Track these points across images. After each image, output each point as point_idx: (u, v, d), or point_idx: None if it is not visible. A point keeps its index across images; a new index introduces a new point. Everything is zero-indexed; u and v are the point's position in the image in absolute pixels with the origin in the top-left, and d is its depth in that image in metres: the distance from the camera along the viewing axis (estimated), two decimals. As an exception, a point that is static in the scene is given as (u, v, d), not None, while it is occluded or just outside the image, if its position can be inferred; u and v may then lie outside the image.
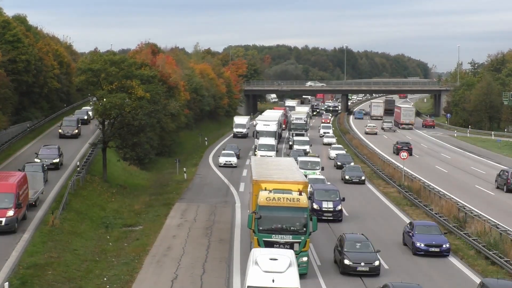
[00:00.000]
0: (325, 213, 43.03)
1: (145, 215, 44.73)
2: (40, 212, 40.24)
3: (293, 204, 30.63)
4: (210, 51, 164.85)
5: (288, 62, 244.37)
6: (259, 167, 38.78)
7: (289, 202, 30.67)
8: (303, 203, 30.78)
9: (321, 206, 43.09)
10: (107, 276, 31.28)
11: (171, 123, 76.19)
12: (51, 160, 52.91)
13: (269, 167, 39.29)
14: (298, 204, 30.65)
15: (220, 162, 67.25)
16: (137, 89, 53.14)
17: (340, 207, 43.54)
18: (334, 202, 43.38)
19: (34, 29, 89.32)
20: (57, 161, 53.72)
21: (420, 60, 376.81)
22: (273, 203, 30.63)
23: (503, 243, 35.71)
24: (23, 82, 71.72)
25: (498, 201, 52.63)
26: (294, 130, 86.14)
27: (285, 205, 30.56)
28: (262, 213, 30.55)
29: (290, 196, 31.07)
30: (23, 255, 32.33)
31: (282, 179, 34.79)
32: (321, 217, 41.92)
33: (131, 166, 63.95)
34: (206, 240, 37.60)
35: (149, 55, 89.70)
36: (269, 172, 37.08)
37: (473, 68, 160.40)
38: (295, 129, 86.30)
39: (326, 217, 42.91)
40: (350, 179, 58.28)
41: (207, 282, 30.24)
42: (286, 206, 30.53)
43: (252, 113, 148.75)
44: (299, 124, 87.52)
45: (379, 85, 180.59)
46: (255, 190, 33.67)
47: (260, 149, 69.44)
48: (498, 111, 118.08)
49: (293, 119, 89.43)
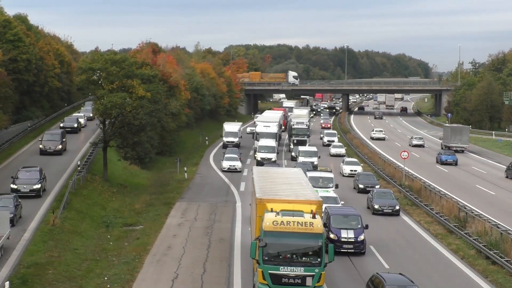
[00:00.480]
0: (345, 244, 35.29)
1: (145, 215, 44.74)
2: (41, 211, 40.25)
3: (305, 229, 26.14)
4: (211, 50, 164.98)
5: (288, 62, 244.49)
6: (262, 180, 33.56)
7: (301, 227, 26.15)
8: (318, 228, 26.26)
9: (340, 236, 35.35)
10: (107, 275, 31.28)
11: (172, 122, 76.18)
12: (31, 186, 43.11)
13: (274, 180, 34.13)
14: (312, 229, 26.17)
15: (223, 167, 63.49)
16: (137, 89, 53.12)
17: (363, 237, 35.59)
18: (355, 231, 35.62)
19: (35, 28, 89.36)
20: (38, 187, 43.67)
21: (421, 60, 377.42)
22: (281, 228, 26.15)
23: (503, 242, 35.69)
24: (24, 81, 71.76)
25: (499, 201, 52.63)
26: (295, 136, 77.63)
27: (296, 231, 26.08)
28: (268, 239, 26.09)
29: (302, 219, 26.48)
30: (24, 254, 32.34)
31: (291, 197, 29.71)
32: (340, 249, 34.74)
33: (131, 165, 63.93)
34: (207, 240, 37.59)
35: (150, 55, 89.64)
36: (275, 187, 32.04)
37: (474, 67, 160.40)
38: (296, 135, 77.95)
39: (346, 249, 35.23)
40: (381, 210, 45.75)
41: (208, 281, 30.22)
42: (297, 232, 26.06)
43: (252, 112, 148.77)
44: (301, 129, 78.69)
45: (380, 84, 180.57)
46: (258, 210, 28.93)
47: (260, 151, 67.08)
48: (499, 110, 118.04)
49: (293, 124, 79.97)
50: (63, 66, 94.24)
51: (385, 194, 47.28)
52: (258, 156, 66.36)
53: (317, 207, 28.43)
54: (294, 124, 79.63)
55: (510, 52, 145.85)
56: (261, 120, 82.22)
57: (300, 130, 78.20)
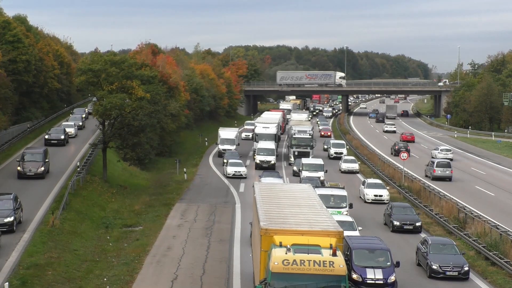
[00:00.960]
0: None
1: (145, 215, 44.73)
2: (40, 212, 40.24)
3: (324, 270, 21.24)
4: (210, 51, 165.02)
5: (288, 63, 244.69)
6: (266, 202, 28.22)
7: (318, 268, 21.24)
8: (340, 268, 21.33)
9: (365, 276, 28.36)
10: (107, 276, 31.27)
11: (172, 123, 76.20)
12: (2, 220, 35.34)
13: (281, 201, 28.75)
14: (332, 270, 21.28)
15: (228, 173, 59.98)
16: (137, 90, 53.14)
17: (393, 278, 28.43)
18: (384, 270, 28.56)
19: (35, 29, 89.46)
20: (11, 219, 35.69)
21: (420, 61, 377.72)
22: (293, 269, 21.23)
23: (503, 243, 35.72)
24: (24, 82, 71.80)
25: (499, 202, 52.65)
26: (297, 147, 68.77)
27: (312, 272, 21.20)
28: (277, 283, 21.21)
29: (319, 257, 21.57)
30: (23, 255, 32.32)
31: (304, 226, 24.46)
32: None
33: (131, 166, 63.95)
34: (206, 241, 37.60)
35: (150, 56, 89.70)
36: (283, 212, 26.64)
37: (473, 69, 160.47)
38: (297, 146, 68.92)
39: None
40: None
41: (207, 282, 30.23)
42: (313, 274, 21.20)
43: (252, 113, 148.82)
44: (303, 139, 69.39)
45: (379, 85, 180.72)
46: (264, 243, 23.66)
47: (259, 153, 66.04)
48: (498, 112, 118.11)
49: (294, 132, 70.24)
50: (63, 67, 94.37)
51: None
52: (257, 158, 65.54)
53: (338, 239, 23.46)
54: (296, 132, 69.73)
55: (510, 53, 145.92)
56: (260, 121, 79.46)
57: (302, 140, 68.70)
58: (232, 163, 61.21)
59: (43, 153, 50.81)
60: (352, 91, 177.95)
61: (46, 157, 51.10)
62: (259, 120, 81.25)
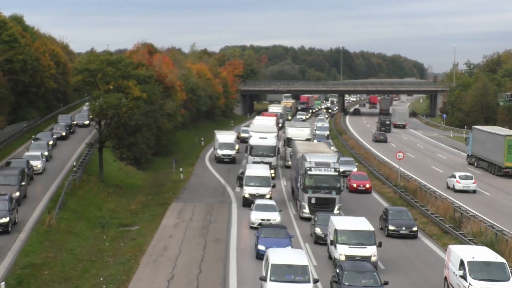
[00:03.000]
0: None
1: (141, 215, 44.77)
2: (37, 212, 40.22)
3: None
4: (206, 51, 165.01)
5: (284, 63, 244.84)
6: None
7: None
8: None
9: None
10: (103, 276, 31.31)
11: (168, 123, 76.21)
12: None
13: None
14: None
15: (252, 222, 40.69)
16: (133, 89, 53.18)
17: None
18: None
19: (31, 29, 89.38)
20: (6, 220, 34.82)
21: (416, 61, 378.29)
22: None
23: (498, 243, 35.86)
24: (20, 82, 71.73)
25: (494, 201, 52.78)
26: (315, 191, 43.81)
27: None
28: None
29: None
30: (20, 255, 32.33)
31: None
32: None
33: (127, 166, 63.97)
34: (203, 240, 37.65)
35: (146, 55, 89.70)
36: None
37: (469, 68, 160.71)
38: (316, 189, 43.88)
39: None
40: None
41: (203, 282, 30.28)
42: None
43: (248, 113, 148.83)
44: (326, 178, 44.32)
45: (375, 85, 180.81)
46: None
47: (249, 183, 46.79)
48: (494, 111, 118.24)
49: (310, 166, 44.30)
50: (59, 66, 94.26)
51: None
52: (245, 190, 46.55)
53: None
54: (312, 166, 44.36)
55: (505, 53, 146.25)
56: (255, 129, 65.99)
57: (324, 179, 44.25)
58: (259, 207, 41.20)
59: (19, 175, 41.69)
60: (348, 91, 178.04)
61: (23, 179, 41.98)
62: (254, 128, 67.24)
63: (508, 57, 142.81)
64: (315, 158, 44.68)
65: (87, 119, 77.44)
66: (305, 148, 50.76)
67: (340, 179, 43.94)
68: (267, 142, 61.16)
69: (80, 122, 78.58)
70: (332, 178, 43.65)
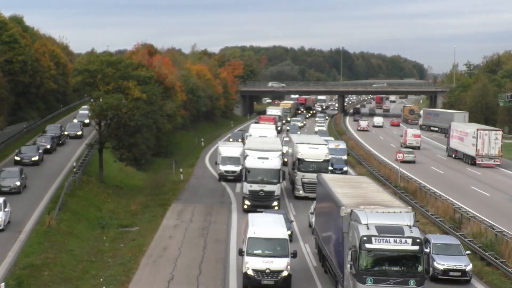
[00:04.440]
0: None
1: (141, 216, 44.74)
2: (36, 212, 40.22)
3: None
4: (206, 52, 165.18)
5: (284, 63, 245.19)
6: None
7: None
8: None
9: None
10: (103, 276, 31.28)
11: (168, 123, 76.24)
12: None
13: None
14: None
15: None
16: (133, 90, 53.18)
17: None
18: None
19: (31, 30, 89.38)
20: None
21: (416, 62, 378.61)
22: None
23: (498, 244, 35.82)
24: (20, 83, 71.73)
25: (494, 202, 52.77)
26: None
27: None
28: None
29: None
30: (19, 255, 32.30)
31: None
32: None
33: (127, 166, 63.96)
34: (202, 241, 37.63)
35: (146, 56, 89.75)
36: None
37: (469, 69, 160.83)
38: None
39: None
40: None
41: (203, 282, 30.26)
42: None
43: (248, 114, 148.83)
44: None
45: (375, 86, 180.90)
46: None
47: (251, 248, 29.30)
48: (493, 112, 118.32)
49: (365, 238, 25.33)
50: (59, 67, 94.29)
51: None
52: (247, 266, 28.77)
53: None
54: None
55: (505, 53, 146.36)
56: (252, 146, 52.47)
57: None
58: None
59: None
60: (348, 92, 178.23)
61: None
62: (250, 144, 53.52)
63: (508, 58, 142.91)
64: (375, 218, 25.79)
65: (80, 129, 70.96)
66: (347, 193, 30.93)
67: (422, 257, 25.28)
68: (269, 164, 45.83)
69: (72, 133, 69.92)
70: (409, 257, 25.07)
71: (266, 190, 44.47)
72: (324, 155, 51.53)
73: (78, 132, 70.79)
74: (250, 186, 44.68)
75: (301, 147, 52.25)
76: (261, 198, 44.27)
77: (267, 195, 44.40)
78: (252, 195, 44.32)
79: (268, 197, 44.43)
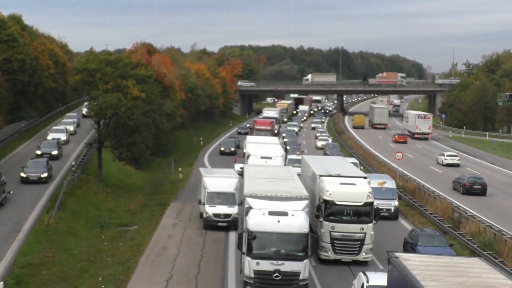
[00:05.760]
0: None
1: (140, 215, 44.73)
2: (35, 211, 40.22)
3: None
4: (205, 51, 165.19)
5: (283, 63, 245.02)
6: None
7: None
8: None
9: None
10: (102, 275, 31.28)
11: (167, 123, 76.21)
12: None
13: None
14: None
15: None
16: (132, 89, 53.17)
17: None
18: None
19: (30, 29, 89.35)
20: None
21: (415, 61, 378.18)
22: None
23: (497, 243, 35.87)
24: (18, 82, 71.70)
25: (493, 202, 52.81)
26: None
27: None
28: None
29: None
30: (18, 254, 32.31)
31: None
32: None
33: (126, 165, 63.95)
34: (201, 240, 37.62)
35: (145, 55, 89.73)
36: None
37: (468, 69, 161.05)
38: None
39: None
40: None
41: (202, 282, 30.26)
42: None
43: (247, 113, 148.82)
44: None
45: (374, 86, 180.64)
46: None
47: None
48: (492, 112, 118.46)
49: None
50: (58, 66, 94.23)
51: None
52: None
53: None
54: None
55: (504, 53, 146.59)
56: (255, 191, 30.98)
57: None
58: None
59: None
60: (347, 91, 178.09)
61: None
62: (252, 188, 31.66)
63: (507, 58, 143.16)
64: None
65: (56, 149, 57.97)
66: None
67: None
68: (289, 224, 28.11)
69: (46, 153, 56.26)
70: None
71: (285, 271, 26.78)
72: (365, 195, 33.20)
73: (54, 151, 57.46)
74: (257, 265, 26.84)
75: (328, 182, 34.07)
76: (276, 285, 26.88)
77: (286, 280, 26.89)
78: (261, 280, 26.78)
79: (288, 283, 26.99)
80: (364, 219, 32.95)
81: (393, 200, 45.23)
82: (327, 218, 33.07)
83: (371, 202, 33.19)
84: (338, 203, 33.03)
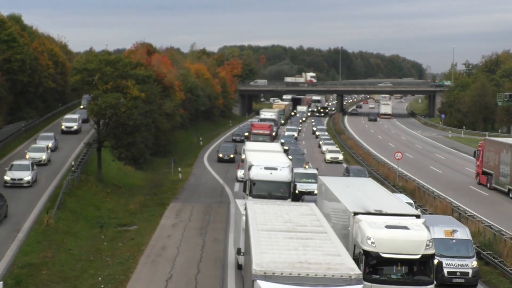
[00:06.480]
0: None
1: (140, 215, 44.73)
2: (35, 211, 40.21)
3: None
4: (205, 51, 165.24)
5: (283, 63, 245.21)
6: None
7: None
8: None
9: None
10: (101, 275, 31.26)
11: (166, 123, 76.23)
12: None
13: None
14: None
15: None
16: (132, 89, 53.17)
17: None
18: None
19: (29, 29, 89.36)
20: None
21: (415, 61, 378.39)
22: None
23: (497, 243, 35.85)
24: (18, 82, 71.70)
25: (493, 202, 52.82)
26: None
27: None
28: None
29: None
30: (18, 254, 32.29)
31: None
32: None
33: (126, 166, 63.95)
34: (201, 240, 37.62)
35: (144, 55, 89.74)
36: None
37: (468, 69, 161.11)
38: None
39: None
40: None
41: (202, 282, 30.24)
42: None
43: (247, 113, 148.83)
44: None
45: (373, 85, 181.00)
46: None
47: None
48: (492, 112, 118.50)
49: None
50: (57, 66, 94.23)
51: None
52: None
53: None
54: None
55: (503, 53, 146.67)
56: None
57: None
58: None
59: None
60: (346, 91, 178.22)
61: None
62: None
63: (506, 58, 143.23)
64: None
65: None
66: None
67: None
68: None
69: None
70: None
71: None
72: (423, 244, 24.08)
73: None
74: None
75: (369, 224, 24.86)
76: None
77: None
78: None
79: None
80: (421, 279, 23.85)
81: (470, 259, 30.18)
82: (369, 277, 23.73)
83: (432, 255, 24.03)
84: (384, 255, 23.82)
